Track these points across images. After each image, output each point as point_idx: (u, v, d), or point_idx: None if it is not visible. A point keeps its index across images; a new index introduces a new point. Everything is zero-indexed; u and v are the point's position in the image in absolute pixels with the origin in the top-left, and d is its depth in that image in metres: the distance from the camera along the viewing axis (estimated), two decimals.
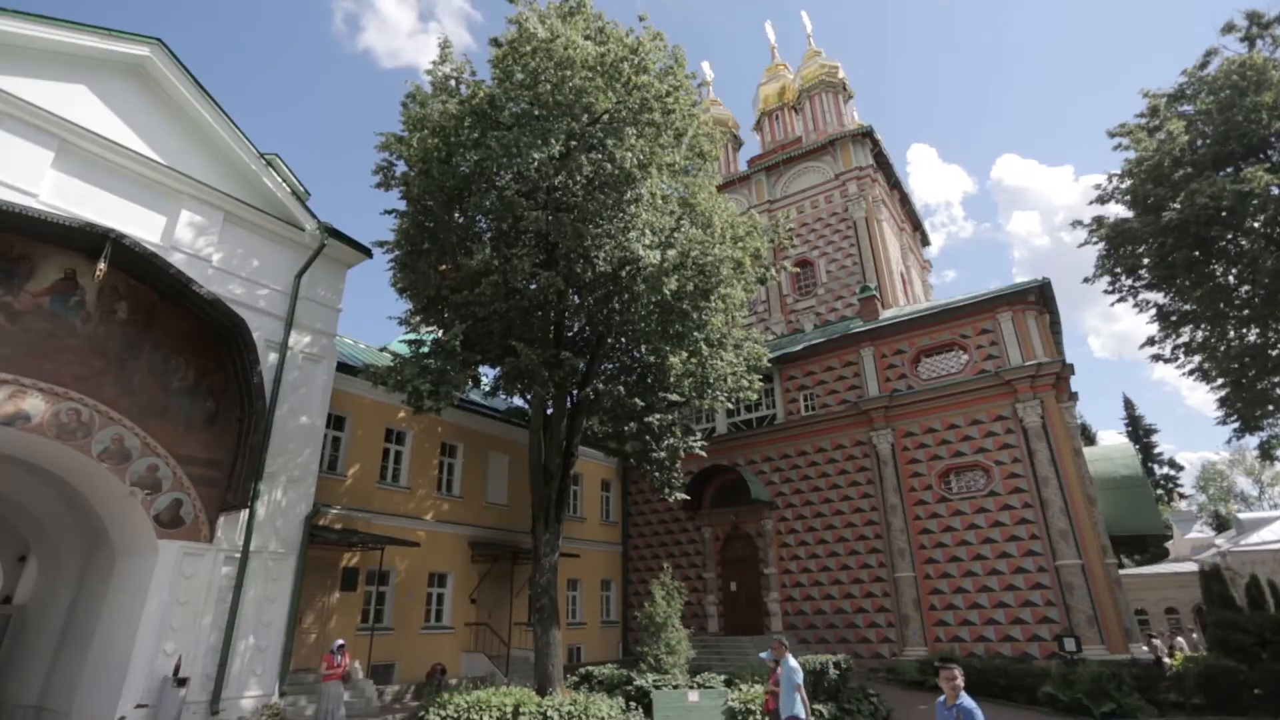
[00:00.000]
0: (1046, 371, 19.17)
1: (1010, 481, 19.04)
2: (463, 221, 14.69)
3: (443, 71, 14.60)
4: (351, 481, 16.71)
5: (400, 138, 14.17)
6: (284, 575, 12.78)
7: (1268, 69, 17.20)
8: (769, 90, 36.03)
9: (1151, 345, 20.57)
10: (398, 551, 16.69)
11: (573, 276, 13.84)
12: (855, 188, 28.49)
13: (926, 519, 20.10)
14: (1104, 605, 16.96)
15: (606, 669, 15.05)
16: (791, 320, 28.14)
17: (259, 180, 13.87)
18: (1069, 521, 17.77)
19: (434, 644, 17.39)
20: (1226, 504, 51.45)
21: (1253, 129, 16.98)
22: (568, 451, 15.58)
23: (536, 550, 14.71)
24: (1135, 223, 18.40)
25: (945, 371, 21.32)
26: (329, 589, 15.56)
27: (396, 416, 18.09)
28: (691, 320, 14.34)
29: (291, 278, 14.11)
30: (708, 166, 16.64)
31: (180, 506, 11.58)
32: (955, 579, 19.20)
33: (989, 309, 20.81)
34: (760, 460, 23.96)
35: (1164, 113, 19.19)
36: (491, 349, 14.70)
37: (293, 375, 13.69)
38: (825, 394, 23.30)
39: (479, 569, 19.28)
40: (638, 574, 25.23)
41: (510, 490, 21.24)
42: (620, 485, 26.97)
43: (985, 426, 19.84)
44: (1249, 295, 17.39)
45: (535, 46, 12.80)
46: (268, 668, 12.15)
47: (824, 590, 21.37)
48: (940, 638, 18.90)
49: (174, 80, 12.83)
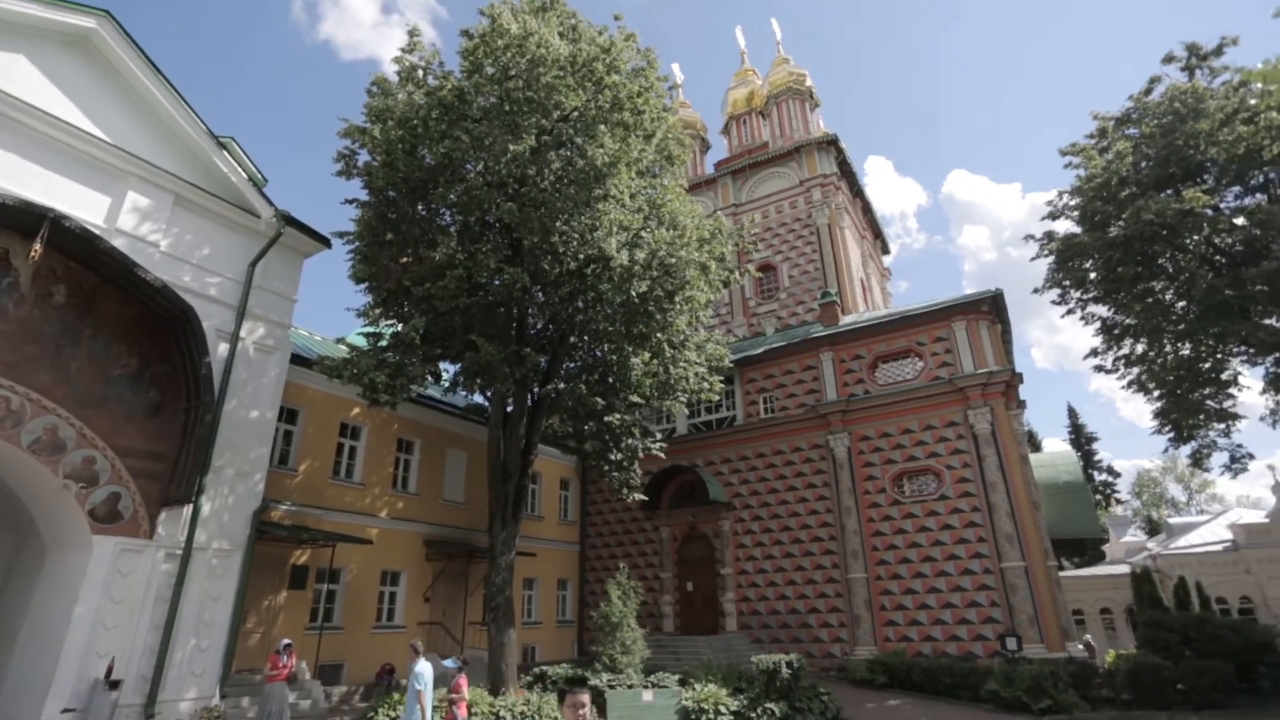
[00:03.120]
0: (997, 380, 19.81)
1: (960, 486, 19.63)
2: (426, 214, 14.46)
3: (410, 61, 14.34)
4: (303, 477, 16.26)
5: (363, 128, 13.85)
6: (229, 573, 12.35)
7: (1205, 98, 18.15)
8: (738, 95, 36.37)
9: (1095, 356, 21.52)
10: (350, 549, 16.31)
11: (538, 273, 13.73)
12: (819, 194, 28.97)
13: (879, 521, 20.57)
14: (1044, 606, 17.62)
15: (561, 668, 15.00)
16: (753, 323, 28.46)
17: (212, 163, 13.37)
18: (1014, 525, 18.40)
19: (385, 644, 17.05)
20: (1159, 509, 54.05)
21: (1191, 154, 17.90)
22: (527, 449, 15.46)
23: (493, 549, 14.56)
24: (1084, 237, 19.20)
25: (901, 377, 21.84)
26: (277, 587, 15.11)
27: (351, 411, 17.67)
28: (656, 321, 14.40)
29: (245, 266, 13.64)
30: (676, 169, 16.71)
31: (118, 501, 11.08)
32: (905, 580, 19.69)
33: (944, 317, 21.39)
34: (719, 461, 24.17)
35: (1112, 134, 20.10)
36: (452, 344, 14.50)
37: (244, 367, 13.23)
38: (784, 397, 23.63)
39: (434, 567, 18.97)
40: (595, 573, 25.19)
41: (467, 488, 20.96)
42: (579, 484, 26.88)
43: (938, 432, 20.40)
44: (1184, 311, 18.30)
45: (508, 41, 12.66)
46: (209, 669, 11.72)
47: (779, 591, 21.67)
48: (890, 637, 19.36)
49: (123, 55, 12.26)
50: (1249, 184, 18.76)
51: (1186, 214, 16.72)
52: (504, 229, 14.25)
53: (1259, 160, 16.92)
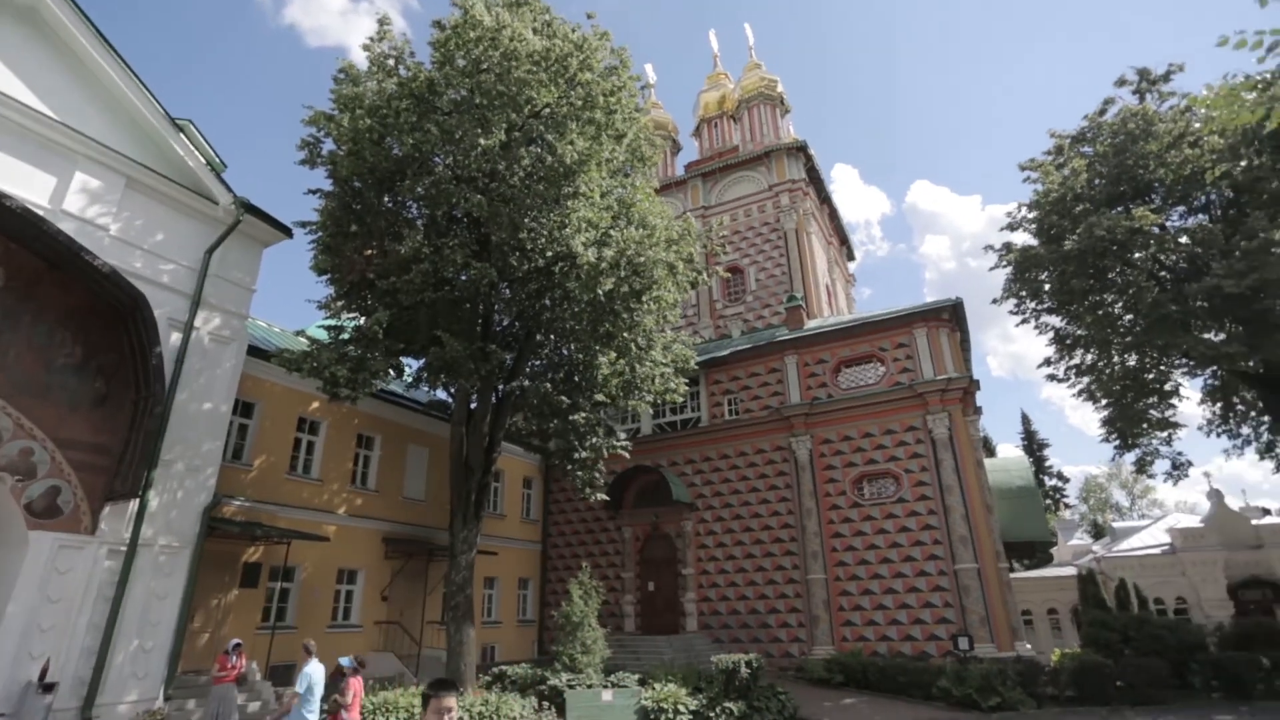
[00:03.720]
0: (955, 386, 20.33)
1: (918, 489, 20.08)
2: (393, 206, 14.21)
3: (380, 49, 14.07)
4: (258, 472, 15.81)
5: (330, 116, 13.54)
6: (177, 570, 11.93)
7: (1154, 121, 18.97)
8: (710, 98, 36.59)
9: (1048, 366, 22.32)
10: (305, 546, 15.91)
11: (506, 269, 13.60)
12: (787, 199, 29.33)
13: (839, 523, 20.92)
14: (995, 606, 18.15)
15: (520, 668, 14.90)
16: (720, 325, 28.67)
17: (168, 146, 12.89)
18: (969, 528, 18.91)
19: (341, 643, 16.65)
20: (1104, 514, 56.17)
21: (1140, 173, 18.68)
22: (490, 447, 15.31)
23: (453, 547, 14.38)
24: (1040, 250, 19.89)
25: (863, 382, 22.25)
26: (227, 585, 14.66)
27: (310, 405, 17.25)
28: (623, 320, 14.40)
29: (201, 253, 13.18)
30: (646, 169, 16.73)
31: (58, 495, 10.61)
32: (863, 581, 20.07)
33: (906, 324, 21.87)
34: (683, 462, 24.28)
35: (1068, 152, 20.86)
36: (416, 339, 14.28)
37: (198, 357, 12.80)
38: (749, 399, 23.86)
39: (392, 565, 18.64)
40: (556, 573, 25.06)
41: (429, 485, 20.64)
42: (542, 483, 26.71)
43: (898, 436, 20.84)
44: (1132, 324, 19.07)
45: (480, 34, 12.51)
46: (153, 670, 11.30)
47: (739, 591, 21.87)
48: (847, 637, 19.71)
49: (73, 29, 11.73)
50: (1192, 204, 19.67)
51: (1135, 231, 17.45)
52: (472, 224, 14.08)
53: (1202, 182, 17.74)
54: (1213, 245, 17.16)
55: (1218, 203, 19.35)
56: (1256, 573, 23.65)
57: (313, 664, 9.29)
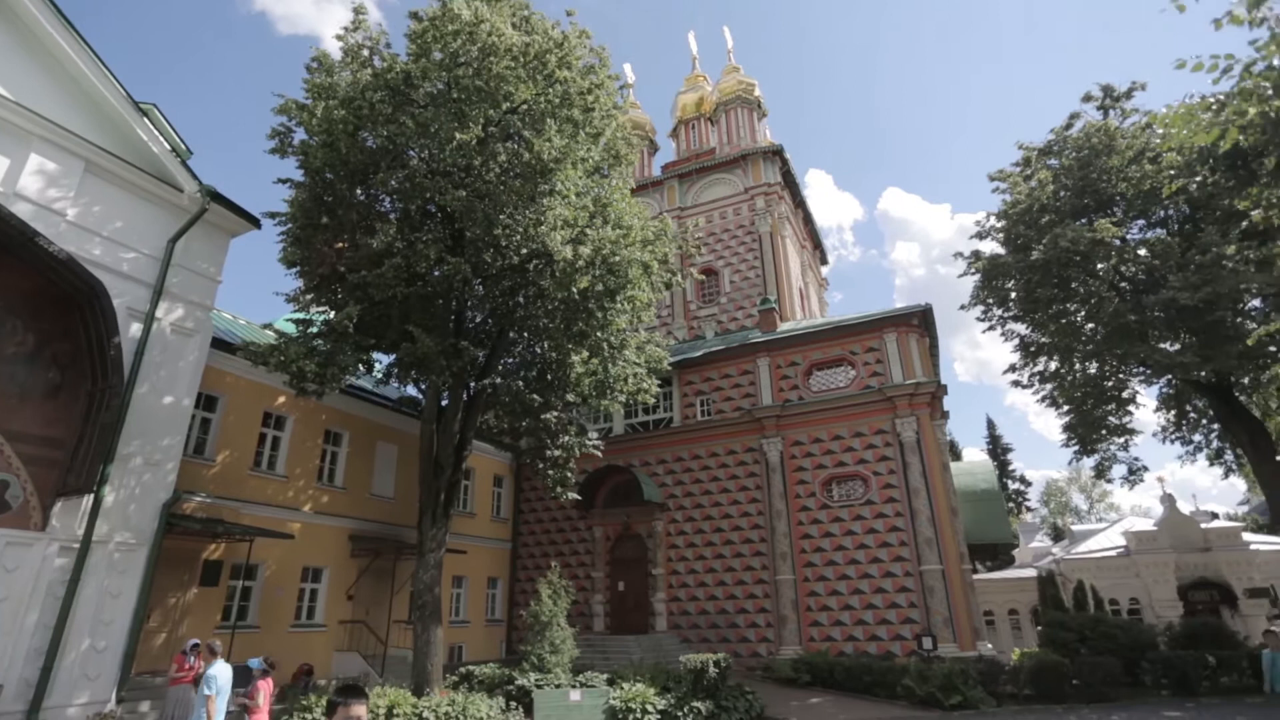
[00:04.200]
0: (924, 390, 20.69)
1: (885, 492, 20.39)
2: (365, 199, 13.99)
3: (355, 39, 13.83)
4: (221, 467, 15.42)
5: (302, 105, 13.27)
6: (132, 568, 11.57)
7: (1116, 136, 19.58)
8: (687, 99, 36.70)
9: (1013, 372, 22.87)
10: (269, 544, 15.57)
11: (480, 265, 13.48)
12: (763, 203, 29.56)
13: (808, 524, 21.14)
14: (958, 607, 18.52)
15: (488, 668, 14.78)
16: (694, 326, 28.78)
17: (131, 131, 12.50)
18: (934, 530, 19.26)
19: (304, 643, 16.36)
20: (1063, 517, 57.73)
21: (1103, 187, 19.25)
22: (461, 445, 15.14)
23: (422, 545, 14.20)
24: (1007, 259, 20.38)
25: (834, 385, 22.52)
26: (187, 584, 14.27)
27: (276, 400, 16.88)
28: (596, 319, 14.36)
29: (164, 242, 12.80)
30: (623, 168, 16.72)
31: (6, 489, 10.22)
32: (831, 582, 20.31)
33: (877, 329, 22.19)
34: (655, 462, 24.31)
35: (1035, 164, 21.41)
36: (387, 334, 14.07)
37: (159, 349, 12.43)
38: (721, 400, 23.99)
39: (359, 564, 18.34)
40: (526, 572, 24.91)
41: (398, 482, 20.35)
42: (513, 481, 26.53)
43: (866, 439, 21.14)
44: (1093, 333, 19.63)
45: (459, 27, 12.38)
46: (105, 671, 10.95)
47: (709, 591, 21.97)
48: (814, 637, 19.94)
49: (31, 8, 11.31)
50: (1151, 218, 20.33)
51: (1098, 243, 17.98)
52: (446, 219, 13.92)
53: (1159, 197, 18.35)
54: (1169, 258, 17.75)
55: (1175, 217, 20.02)
56: (1205, 574, 24.53)
57: (218, 665, 8.86)
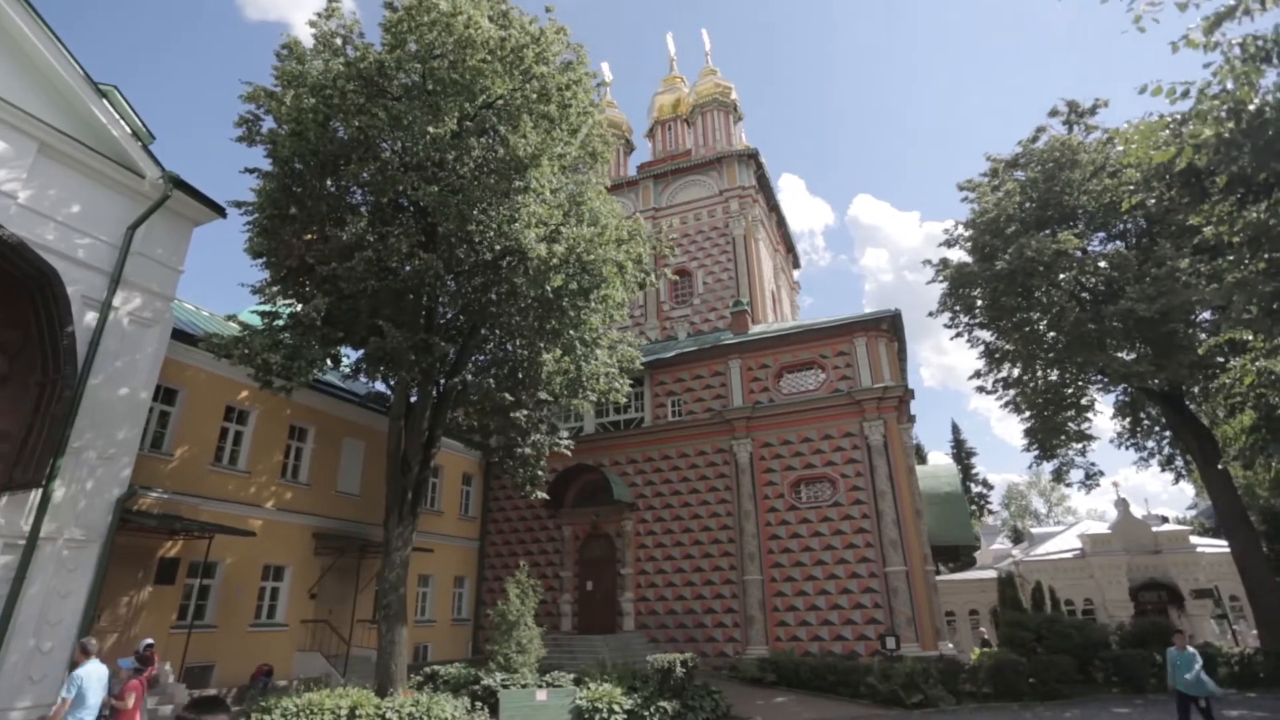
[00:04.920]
0: (892, 394, 21.04)
1: (853, 494, 20.68)
2: (335, 191, 13.71)
3: (328, 27, 13.55)
4: (179, 462, 14.98)
5: (271, 92, 12.96)
6: (83, 566, 11.14)
7: (1079, 151, 20.19)
8: (665, 100, 36.78)
9: (978, 378, 23.40)
10: (229, 541, 15.17)
11: (452, 261, 13.32)
12: (737, 205, 29.76)
13: (776, 525, 21.35)
14: (921, 608, 18.87)
15: (454, 668, 14.63)
16: (666, 327, 28.86)
17: (89, 113, 12.04)
18: (899, 532, 19.59)
19: (264, 643, 15.98)
20: (1023, 520, 59.24)
21: (1066, 199, 19.82)
22: (429, 442, 14.95)
23: (388, 544, 13.98)
24: (974, 267, 20.86)
25: (804, 388, 22.78)
26: (141, 582, 13.83)
27: (239, 394, 16.47)
28: (569, 318, 14.29)
29: (123, 229, 12.36)
30: (599, 167, 16.68)
31: None
32: (798, 582, 20.54)
33: (847, 333, 22.49)
34: (625, 462, 24.31)
35: (1002, 175, 21.96)
36: (356, 328, 13.81)
37: (115, 339, 12.00)
38: (692, 401, 24.09)
39: (322, 562, 17.98)
40: (494, 571, 24.70)
41: (364, 479, 20.00)
42: (482, 480, 26.28)
43: (835, 442, 21.42)
44: (1054, 341, 20.19)
45: (434, 18, 12.21)
46: (50, 673, 10.51)
47: (677, 591, 22.05)
48: (780, 637, 20.13)
49: None
50: (1111, 231, 21.00)
51: (1060, 253, 18.51)
52: (418, 213, 13.73)
53: (1119, 211, 18.97)
54: (1127, 270, 18.35)
55: (1133, 231, 20.72)
56: (1154, 576, 25.42)
57: (89, 665, 8.28)
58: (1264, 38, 8.21)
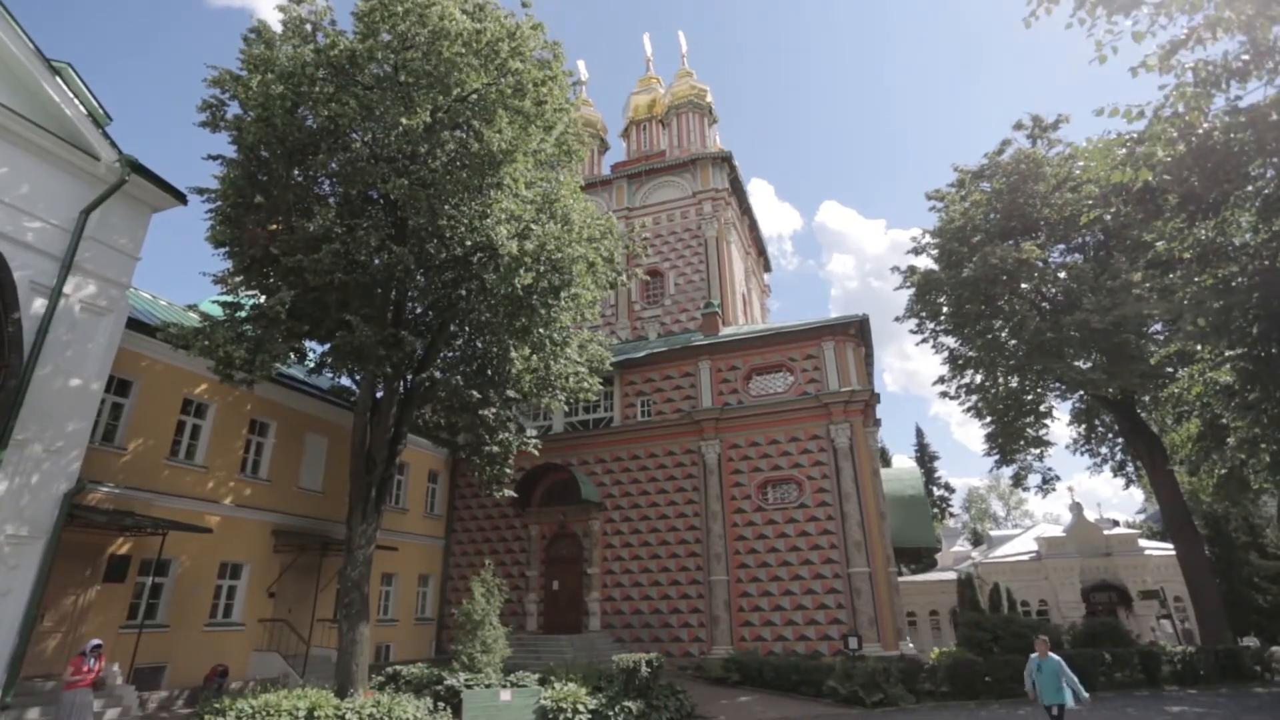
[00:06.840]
0: (858, 398, 21.36)
1: (819, 496, 20.95)
2: (303, 180, 13.40)
3: (298, 12, 13.23)
4: (132, 456, 14.48)
5: (237, 76, 12.60)
6: (26, 563, 10.70)
7: (1043, 165, 20.79)
8: (640, 100, 36.81)
9: (942, 383, 23.92)
10: (184, 538, 14.72)
11: (422, 256, 13.13)
12: (710, 207, 29.93)
13: (743, 526, 21.51)
14: (883, 608, 19.21)
15: (416, 668, 14.44)
16: (637, 327, 28.88)
17: (41, 90, 11.58)
18: (863, 534, 19.90)
19: (219, 643, 15.55)
20: (983, 523, 60.70)
21: (1029, 211, 20.39)
22: (395, 439, 14.71)
23: (351, 541, 13.71)
24: (941, 274, 21.33)
25: (773, 390, 23.01)
26: (89, 580, 13.32)
27: (198, 386, 15.99)
28: (539, 315, 14.19)
29: (76, 213, 11.92)
30: (573, 165, 16.60)
31: None
32: (763, 583, 20.73)
33: (815, 337, 22.77)
34: (593, 461, 24.26)
35: (969, 185, 22.49)
36: (323, 321, 13.52)
37: (66, 327, 11.55)
38: (662, 401, 24.15)
39: (282, 560, 17.56)
40: (459, 570, 24.42)
41: (327, 476, 19.60)
42: (449, 477, 25.97)
43: (802, 444, 21.67)
44: (1015, 349, 20.76)
45: (409, 8, 12.02)
46: None
47: (643, 591, 22.07)
48: (745, 637, 20.30)
49: None
50: (1071, 243, 21.67)
51: (1023, 263, 19.04)
52: (388, 206, 13.50)
53: (1078, 224, 19.59)
54: (1085, 282, 18.95)
55: (1091, 244, 21.41)
56: (1105, 577, 26.27)
57: None
58: (1214, 63, 8.60)
